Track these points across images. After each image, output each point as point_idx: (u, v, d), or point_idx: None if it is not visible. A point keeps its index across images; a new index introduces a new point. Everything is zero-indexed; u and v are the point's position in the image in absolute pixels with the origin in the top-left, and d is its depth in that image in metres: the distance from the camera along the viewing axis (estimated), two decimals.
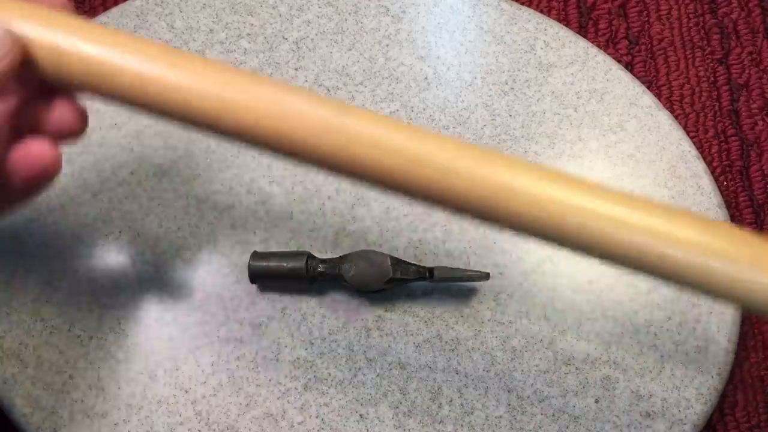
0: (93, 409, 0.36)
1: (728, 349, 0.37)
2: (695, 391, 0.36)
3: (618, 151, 0.41)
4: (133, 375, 0.37)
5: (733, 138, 0.43)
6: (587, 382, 0.37)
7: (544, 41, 0.43)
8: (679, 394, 0.36)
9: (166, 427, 0.36)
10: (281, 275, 0.37)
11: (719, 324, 0.37)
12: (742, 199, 0.42)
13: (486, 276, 0.36)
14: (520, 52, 0.43)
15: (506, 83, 0.42)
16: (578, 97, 0.42)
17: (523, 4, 0.46)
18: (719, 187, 0.42)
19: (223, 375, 0.37)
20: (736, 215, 0.42)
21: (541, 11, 0.46)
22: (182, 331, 0.37)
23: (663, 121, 0.41)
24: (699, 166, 0.40)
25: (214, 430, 0.36)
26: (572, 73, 0.42)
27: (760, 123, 0.44)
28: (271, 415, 0.36)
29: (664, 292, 0.38)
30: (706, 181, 0.40)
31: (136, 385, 0.37)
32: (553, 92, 0.42)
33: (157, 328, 0.37)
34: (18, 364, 0.37)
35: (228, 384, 0.37)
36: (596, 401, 0.36)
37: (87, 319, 0.37)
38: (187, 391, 0.36)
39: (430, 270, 0.36)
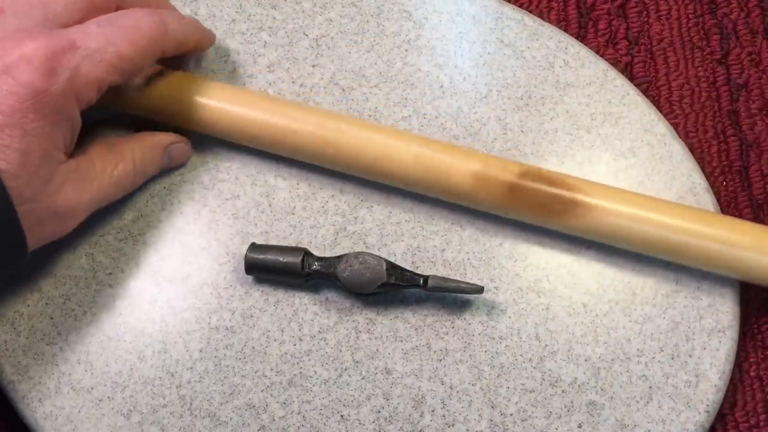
0: (80, 383, 0.37)
1: (719, 386, 0.36)
2: (680, 426, 0.36)
3: (627, 177, 0.40)
4: (122, 353, 0.37)
5: (732, 138, 0.43)
6: (572, 406, 0.36)
7: (564, 60, 0.42)
8: (664, 427, 0.36)
9: (149, 408, 0.36)
10: (276, 269, 0.37)
11: (712, 360, 0.37)
12: (741, 199, 0.42)
13: (480, 289, 0.36)
14: (538, 68, 0.42)
15: (521, 98, 0.42)
16: (592, 119, 0.41)
17: (522, 5, 0.46)
18: (719, 188, 0.42)
19: (210, 362, 0.37)
20: (735, 215, 0.42)
21: (541, 11, 0.45)
22: (174, 315, 0.38)
23: (676, 150, 0.41)
24: (708, 200, 0.40)
25: (196, 416, 0.36)
26: (589, 94, 0.42)
27: (760, 123, 0.43)
28: (254, 406, 0.36)
29: (659, 322, 0.37)
30: None
31: (124, 364, 0.37)
32: (567, 112, 0.41)
33: (150, 310, 0.38)
34: (11, 331, 0.37)
35: (214, 371, 0.37)
36: (579, 426, 0.36)
37: (83, 294, 0.38)
38: (173, 375, 0.37)
39: (425, 278, 0.36)
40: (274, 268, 0.37)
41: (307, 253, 0.37)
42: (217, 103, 0.38)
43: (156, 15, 0.35)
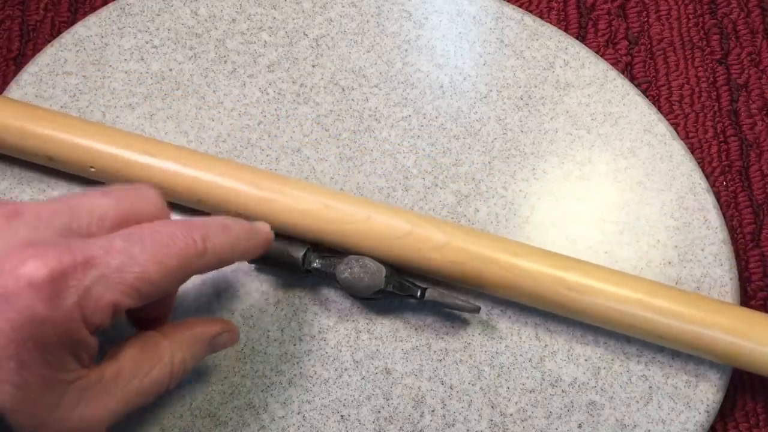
0: None
1: (719, 386, 0.36)
2: (680, 426, 0.36)
3: (627, 177, 0.40)
4: None
5: (732, 138, 0.43)
6: (572, 406, 0.36)
7: (564, 60, 0.42)
8: (664, 427, 0.36)
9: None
10: (277, 261, 0.37)
11: (712, 361, 0.37)
12: (741, 199, 0.42)
13: (476, 309, 0.36)
14: (538, 68, 0.42)
15: (521, 98, 0.42)
16: (592, 119, 0.41)
17: (522, 5, 0.46)
18: (719, 188, 0.42)
19: (209, 361, 0.37)
20: (735, 216, 0.41)
21: (541, 11, 0.45)
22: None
23: (676, 150, 0.41)
24: (708, 200, 0.40)
25: (196, 415, 0.36)
26: (589, 95, 0.42)
27: (760, 123, 0.43)
28: (254, 406, 0.36)
29: None
30: (714, 215, 0.39)
31: None
32: (567, 112, 0.41)
33: None
34: None
35: (214, 371, 0.37)
36: (579, 426, 0.36)
37: None
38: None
39: (423, 290, 0.36)
40: (275, 260, 0.37)
41: (310, 250, 0.37)
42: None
43: (196, 230, 0.30)
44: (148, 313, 0.33)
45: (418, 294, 0.36)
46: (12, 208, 0.28)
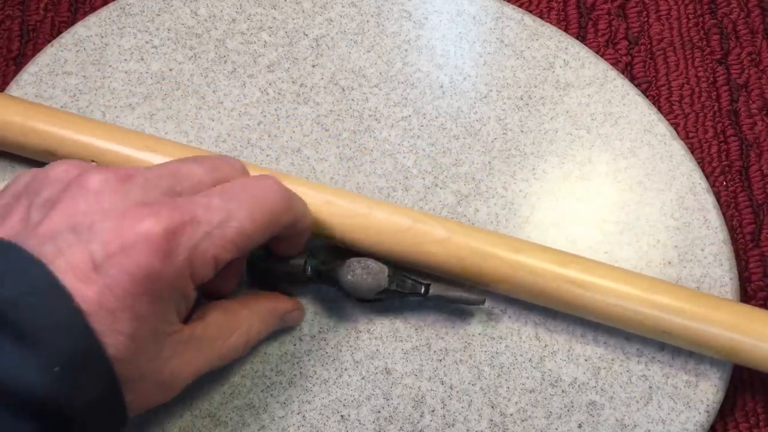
0: None
1: (719, 387, 0.36)
2: (680, 426, 0.36)
3: (627, 177, 0.40)
4: None
5: (732, 138, 0.43)
6: (572, 406, 0.36)
7: (564, 60, 0.42)
8: (664, 427, 0.36)
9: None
10: (279, 273, 0.36)
11: (712, 361, 0.37)
12: (741, 199, 0.42)
13: (481, 301, 0.36)
14: (538, 68, 0.42)
15: (521, 98, 0.42)
16: (592, 119, 0.41)
17: (522, 5, 0.46)
18: (719, 188, 0.42)
19: None
20: (735, 215, 0.41)
21: (541, 11, 0.45)
22: None
23: (676, 150, 0.41)
24: (708, 200, 0.40)
25: (196, 415, 0.36)
26: (589, 95, 0.42)
27: (760, 123, 0.43)
28: (254, 406, 0.36)
29: None
30: (714, 215, 0.39)
31: None
32: (567, 112, 0.41)
33: None
34: None
35: (214, 371, 0.37)
36: (579, 426, 0.36)
37: None
38: None
39: (426, 287, 0.36)
40: (276, 272, 0.36)
41: (309, 256, 0.36)
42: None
43: (284, 187, 0.32)
44: (218, 286, 0.34)
45: (423, 291, 0.36)
46: (124, 172, 0.29)
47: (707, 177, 0.42)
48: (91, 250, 0.27)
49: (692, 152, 0.42)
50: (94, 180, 0.29)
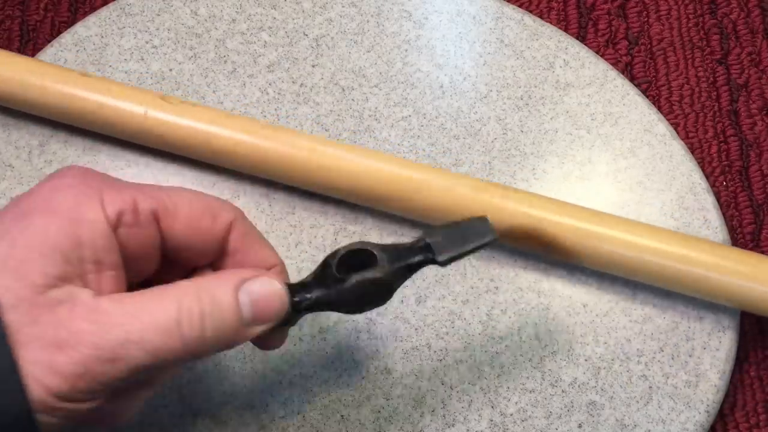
0: None
1: (719, 387, 0.36)
2: (680, 426, 0.36)
3: (627, 177, 0.40)
4: None
5: (732, 138, 0.43)
6: (572, 406, 0.36)
7: (564, 60, 0.42)
8: (664, 427, 0.36)
9: (150, 408, 0.36)
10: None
11: (712, 361, 0.37)
12: (741, 199, 0.42)
13: (493, 236, 0.30)
14: (538, 68, 0.42)
15: (521, 98, 0.42)
16: (592, 119, 0.41)
17: (522, 5, 0.46)
18: (719, 188, 0.42)
19: (209, 362, 0.37)
20: (735, 215, 0.42)
21: (541, 11, 0.45)
22: None
23: (676, 150, 0.41)
24: (708, 200, 0.40)
25: (196, 415, 0.36)
26: (589, 95, 0.42)
27: (760, 123, 0.43)
28: (254, 407, 0.36)
29: (659, 322, 0.37)
30: (714, 215, 0.39)
31: None
32: (567, 112, 0.41)
33: None
34: None
35: (214, 371, 0.37)
36: (579, 426, 0.36)
37: None
38: (173, 376, 0.37)
39: (432, 257, 0.30)
40: None
41: (300, 287, 0.29)
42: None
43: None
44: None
45: (436, 257, 0.30)
46: None
47: (707, 177, 0.42)
48: None
49: (692, 152, 0.42)
50: None
